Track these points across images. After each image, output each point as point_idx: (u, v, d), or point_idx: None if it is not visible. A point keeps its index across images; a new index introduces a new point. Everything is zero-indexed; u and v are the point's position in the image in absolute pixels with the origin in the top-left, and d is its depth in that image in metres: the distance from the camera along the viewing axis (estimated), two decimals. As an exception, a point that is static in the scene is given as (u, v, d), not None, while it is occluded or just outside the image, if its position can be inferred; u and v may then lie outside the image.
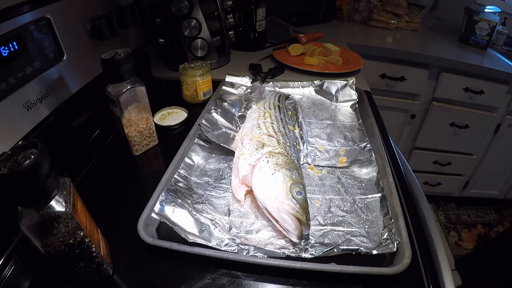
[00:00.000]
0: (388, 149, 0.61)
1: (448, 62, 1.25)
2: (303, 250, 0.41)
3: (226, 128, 0.63)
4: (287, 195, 0.42)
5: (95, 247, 0.35)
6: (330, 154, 0.59)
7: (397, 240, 0.40)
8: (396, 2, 1.49)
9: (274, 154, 0.49)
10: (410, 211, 0.48)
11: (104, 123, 0.67)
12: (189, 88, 0.76)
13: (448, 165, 1.56)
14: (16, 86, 0.45)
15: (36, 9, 0.49)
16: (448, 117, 1.41)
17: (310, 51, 1.01)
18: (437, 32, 1.53)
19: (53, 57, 0.53)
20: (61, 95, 0.55)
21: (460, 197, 1.73)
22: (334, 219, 0.46)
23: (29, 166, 0.27)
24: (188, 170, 0.53)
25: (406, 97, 1.39)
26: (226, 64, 1.00)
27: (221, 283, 0.38)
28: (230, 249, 0.40)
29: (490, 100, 1.33)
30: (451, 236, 1.65)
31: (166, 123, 0.69)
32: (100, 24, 0.62)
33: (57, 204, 0.31)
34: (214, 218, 0.45)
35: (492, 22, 1.32)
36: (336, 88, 0.77)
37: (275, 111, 0.63)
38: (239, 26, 1.07)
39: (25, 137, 0.47)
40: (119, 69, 0.50)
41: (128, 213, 0.47)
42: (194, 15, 0.85)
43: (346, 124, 0.68)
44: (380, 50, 1.27)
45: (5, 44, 0.43)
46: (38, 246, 0.32)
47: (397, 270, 0.36)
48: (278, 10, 1.27)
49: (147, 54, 0.90)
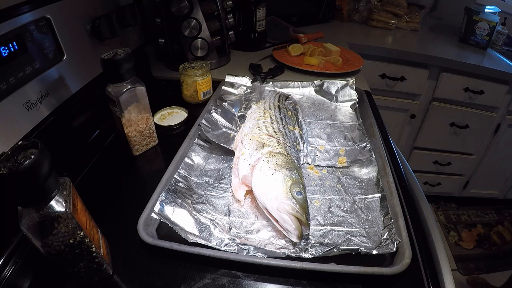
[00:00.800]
0: (388, 149, 0.61)
1: (448, 62, 1.25)
2: (303, 250, 0.41)
3: (226, 128, 0.63)
4: (287, 195, 0.42)
5: (95, 247, 0.35)
6: (330, 154, 0.59)
7: (397, 240, 0.40)
8: (396, 2, 1.49)
9: (274, 154, 0.49)
10: (410, 211, 0.48)
11: (104, 123, 0.67)
12: (189, 88, 0.76)
13: (448, 165, 1.56)
14: (16, 86, 0.45)
15: (36, 9, 0.49)
16: (448, 117, 1.41)
17: (310, 51, 1.01)
18: (437, 32, 1.53)
19: (53, 57, 0.53)
20: (61, 95, 0.55)
21: (460, 197, 1.73)
22: (334, 219, 0.46)
23: (29, 166, 0.27)
24: (188, 170, 0.53)
25: (406, 97, 1.39)
26: (226, 64, 1.00)
27: (221, 283, 0.38)
28: (230, 249, 0.40)
29: (490, 100, 1.33)
30: (451, 236, 1.65)
31: (166, 123, 0.69)
32: (100, 24, 0.62)
33: (57, 204, 0.31)
34: (214, 218, 0.45)
35: (492, 22, 1.32)
36: (336, 88, 0.77)
37: (275, 111, 0.63)
38: (239, 26, 1.07)
39: (25, 137, 0.47)
40: (119, 69, 0.50)
41: (128, 213, 0.47)
42: (194, 15, 0.85)
43: (346, 124, 0.68)
44: (380, 50, 1.27)
45: (5, 44, 0.43)
46: (38, 246, 0.32)
47: (397, 270, 0.36)
48: (278, 10, 1.27)
49: (147, 54, 0.90)
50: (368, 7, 1.51)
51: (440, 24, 1.63)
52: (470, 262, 1.52)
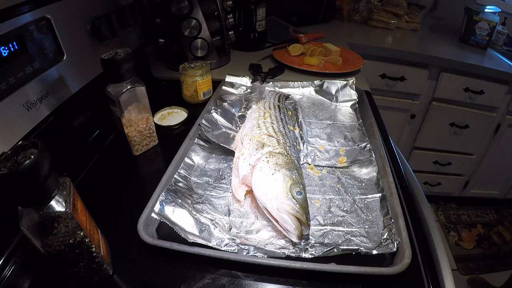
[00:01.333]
0: (388, 149, 0.61)
1: (448, 62, 1.25)
2: (303, 250, 0.41)
3: (226, 128, 0.63)
4: (287, 195, 0.42)
5: (95, 247, 0.35)
6: (330, 154, 0.59)
7: (397, 240, 0.40)
8: (396, 2, 1.49)
9: (274, 154, 0.49)
10: (410, 211, 0.48)
11: (104, 123, 0.67)
12: (189, 88, 0.76)
13: (448, 165, 1.56)
14: (16, 86, 0.45)
15: (36, 9, 0.49)
16: (448, 117, 1.41)
17: (310, 51, 1.01)
18: (437, 32, 1.53)
19: (53, 57, 0.53)
20: (61, 95, 0.55)
21: (460, 197, 1.73)
22: (334, 219, 0.46)
23: (29, 166, 0.27)
24: (188, 170, 0.53)
25: (406, 97, 1.39)
26: (226, 64, 1.00)
27: (221, 283, 0.38)
28: (230, 249, 0.40)
29: (490, 100, 1.33)
30: (451, 236, 1.65)
31: (166, 123, 0.69)
32: (100, 24, 0.62)
33: (57, 204, 0.31)
34: (214, 218, 0.45)
35: (492, 22, 1.32)
36: (336, 88, 0.77)
37: (275, 111, 0.63)
38: (239, 26, 1.07)
39: (25, 137, 0.47)
40: (119, 69, 0.50)
41: (128, 213, 0.47)
42: (194, 15, 0.85)
43: (346, 124, 0.68)
44: (380, 50, 1.27)
45: (5, 44, 0.43)
46: (38, 246, 0.32)
47: (397, 270, 0.36)
48: (278, 10, 1.27)
49: (147, 54, 0.90)
50: (368, 7, 1.51)
51: (440, 24, 1.63)
52: (470, 262, 1.52)
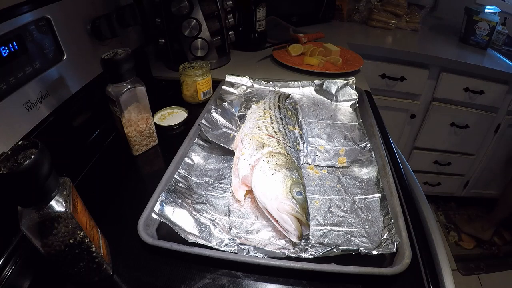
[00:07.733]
0: (388, 149, 0.61)
1: (448, 62, 1.25)
2: (303, 250, 0.41)
3: (226, 128, 0.63)
4: (287, 195, 0.42)
5: (95, 247, 0.35)
6: (330, 154, 0.59)
7: (397, 240, 0.40)
8: (396, 2, 1.49)
9: (274, 154, 0.49)
10: (410, 211, 0.48)
11: (104, 123, 0.67)
12: (189, 88, 0.76)
13: (448, 165, 1.56)
14: (16, 86, 0.45)
15: (36, 9, 0.48)
16: (448, 117, 1.41)
17: (310, 51, 1.01)
18: (437, 32, 1.53)
19: (53, 57, 0.53)
20: (61, 95, 0.55)
21: (460, 197, 1.73)
22: (334, 219, 0.46)
23: (29, 166, 0.27)
24: (188, 170, 0.53)
25: (406, 97, 1.39)
26: (226, 64, 1.00)
27: (221, 283, 0.38)
28: (230, 249, 0.40)
29: (490, 100, 1.33)
30: (451, 236, 1.65)
31: (166, 123, 0.69)
32: (100, 24, 0.62)
33: (57, 204, 0.31)
34: (214, 218, 0.45)
35: (492, 22, 1.32)
36: (336, 88, 0.77)
37: (275, 111, 0.63)
38: (239, 26, 1.07)
39: (25, 137, 0.47)
40: (119, 69, 0.50)
41: (128, 213, 0.47)
42: (194, 15, 0.85)
43: (346, 124, 0.68)
44: (380, 50, 1.27)
45: (5, 44, 0.43)
46: (38, 246, 0.32)
47: (397, 270, 0.36)
48: (278, 10, 1.27)
49: (147, 54, 0.90)
50: (368, 7, 1.51)
51: (440, 24, 1.62)
52: (470, 262, 1.52)
